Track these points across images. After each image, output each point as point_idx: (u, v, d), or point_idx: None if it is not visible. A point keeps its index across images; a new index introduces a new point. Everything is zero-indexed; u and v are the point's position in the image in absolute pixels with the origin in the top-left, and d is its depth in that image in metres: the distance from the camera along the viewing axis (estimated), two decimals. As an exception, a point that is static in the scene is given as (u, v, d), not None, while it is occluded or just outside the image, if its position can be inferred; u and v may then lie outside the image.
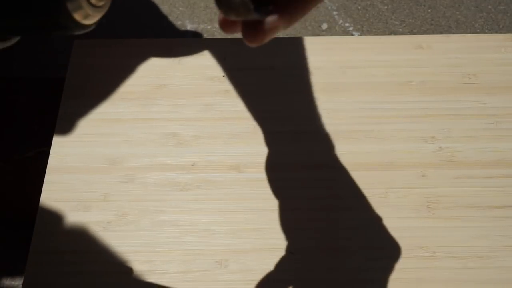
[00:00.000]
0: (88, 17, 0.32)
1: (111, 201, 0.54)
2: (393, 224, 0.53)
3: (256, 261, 0.51)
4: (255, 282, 0.50)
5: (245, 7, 0.29)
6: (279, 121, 0.58)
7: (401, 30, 0.84)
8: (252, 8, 0.29)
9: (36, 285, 0.50)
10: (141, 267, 0.51)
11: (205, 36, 0.78)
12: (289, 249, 0.52)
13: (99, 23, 0.35)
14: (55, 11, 0.31)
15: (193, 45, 0.63)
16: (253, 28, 0.38)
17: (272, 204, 0.54)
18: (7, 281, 0.67)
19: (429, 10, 0.86)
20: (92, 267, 0.51)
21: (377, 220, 0.53)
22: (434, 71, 0.61)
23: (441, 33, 0.84)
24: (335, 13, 0.86)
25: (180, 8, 0.88)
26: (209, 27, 0.86)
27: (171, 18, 0.87)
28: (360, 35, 0.84)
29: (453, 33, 0.84)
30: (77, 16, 0.31)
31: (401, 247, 0.51)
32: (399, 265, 0.51)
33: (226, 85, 0.61)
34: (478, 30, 0.84)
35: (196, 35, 0.85)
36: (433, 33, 0.84)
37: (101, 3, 0.32)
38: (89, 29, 0.33)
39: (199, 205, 0.54)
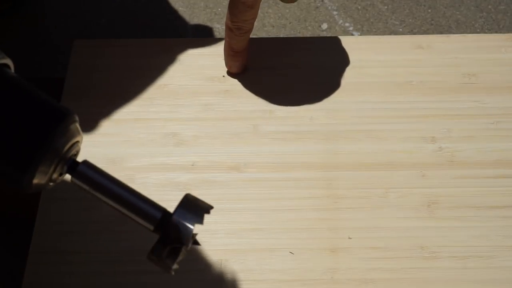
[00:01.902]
0: (44, 188, 0.35)
1: (111, 201, 0.54)
2: (393, 224, 0.53)
3: (256, 261, 0.51)
4: (255, 282, 0.50)
5: (166, 267, 0.36)
6: (279, 121, 0.58)
7: (401, 30, 0.84)
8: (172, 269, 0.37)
9: (36, 285, 0.50)
10: (141, 267, 0.51)
11: (205, 36, 0.78)
12: (289, 249, 0.52)
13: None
14: (20, 182, 0.33)
15: (193, 45, 0.63)
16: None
17: (272, 204, 0.54)
18: (7, 281, 0.67)
19: (429, 10, 0.86)
20: (92, 267, 0.51)
21: (377, 220, 0.53)
22: (434, 71, 0.61)
23: (441, 33, 0.84)
24: (335, 13, 0.86)
25: (180, 8, 0.88)
26: (209, 27, 0.86)
27: (171, 18, 0.87)
28: (360, 35, 0.84)
29: (453, 33, 0.84)
30: (35, 187, 0.34)
31: (401, 247, 0.51)
32: (399, 265, 0.51)
33: (226, 85, 0.61)
34: (478, 30, 0.84)
35: (196, 35, 0.85)
36: (433, 33, 0.84)
37: (58, 180, 0.35)
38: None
39: (199, 205, 0.54)
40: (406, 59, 0.62)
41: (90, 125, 0.58)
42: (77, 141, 0.36)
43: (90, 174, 0.36)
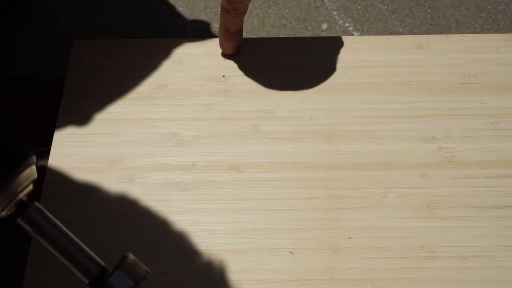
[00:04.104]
0: None
1: (111, 201, 0.54)
2: (393, 224, 0.53)
3: (256, 261, 0.51)
4: (255, 282, 0.50)
5: None
6: (279, 121, 0.58)
7: (401, 30, 0.84)
8: None
9: (36, 285, 0.50)
10: (141, 267, 0.51)
11: (205, 36, 0.78)
12: (289, 249, 0.52)
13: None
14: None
15: (193, 45, 0.63)
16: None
17: (272, 204, 0.54)
18: (7, 281, 0.67)
19: (429, 10, 0.86)
20: (92, 267, 0.51)
21: (377, 220, 0.53)
22: (434, 71, 0.61)
23: (441, 33, 0.84)
24: (335, 13, 0.86)
25: (180, 8, 0.88)
26: (209, 27, 0.86)
27: (171, 18, 0.87)
28: (360, 35, 0.84)
29: (453, 33, 0.84)
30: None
31: (401, 247, 0.51)
32: (399, 265, 0.51)
33: (226, 85, 0.61)
34: (478, 30, 0.84)
35: (196, 35, 0.85)
36: (433, 33, 0.84)
37: (5, 217, 0.36)
38: None
39: (199, 205, 0.54)
40: (406, 59, 0.62)
41: (90, 125, 0.58)
42: (31, 183, 0.37)
43: (37, 218, 0.36)
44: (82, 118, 0.59)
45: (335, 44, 0.63)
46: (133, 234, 0.52)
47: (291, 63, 0.62)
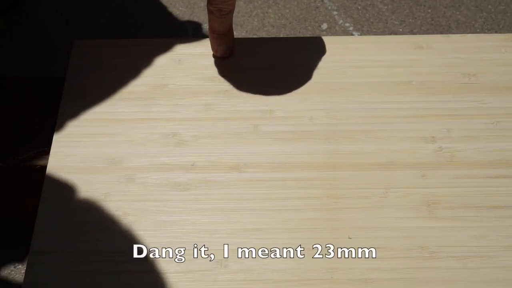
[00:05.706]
0: None
1: (111, 201, 0.54)
2: (393, 224, 0.53)
3: (256, 261, 0.51)
4: (255, 282, 0.50)
5: None
6: (279, 121, 0.58)
7: (401, 30, 0.84)
8: None
9: (36, 285, 0.50)
10: (141, 267, 0.51)
11: (205, 36, 0.78)
12: (289, 249, 0.52)
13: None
14: None
15: (193, 45, 0.63)
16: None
17: (272, 204, 0.54)
18: (7, 281, 0.67)
19: (429, 10, 0.86)
20: (92, 267, 0.51)
21: (377, 220, 0.53)
22: (434, 71, 0.61)
23: (441, 33, 0.84)
24: (335, 13, 0.86)
25: (180, 8, 0.88)
26: (209, 27, 0.85)
27: (171, 18, 0.87)
28: (360, 35, 0.84)
29: (453, 33, 0.84)
30: None
31: (401, 247, 0.51)
32: (399, 265, 0.51)
33: (226, 85, 0.61)
34: (478, 30, 0.84)
35: (196, 35, 0.85)
36: (433, 33, 0.84)
37: None
38: None
39: (199, 205, 0.54)
40: (406, 59, 0.62)
41: (90, 125, 0.58)
42: None
43: None
44: (82, 118, 0.59)
45: (335, 44, 0.63)
46: (133, 234, 0.52)
47: (291, 63, 0.62)
